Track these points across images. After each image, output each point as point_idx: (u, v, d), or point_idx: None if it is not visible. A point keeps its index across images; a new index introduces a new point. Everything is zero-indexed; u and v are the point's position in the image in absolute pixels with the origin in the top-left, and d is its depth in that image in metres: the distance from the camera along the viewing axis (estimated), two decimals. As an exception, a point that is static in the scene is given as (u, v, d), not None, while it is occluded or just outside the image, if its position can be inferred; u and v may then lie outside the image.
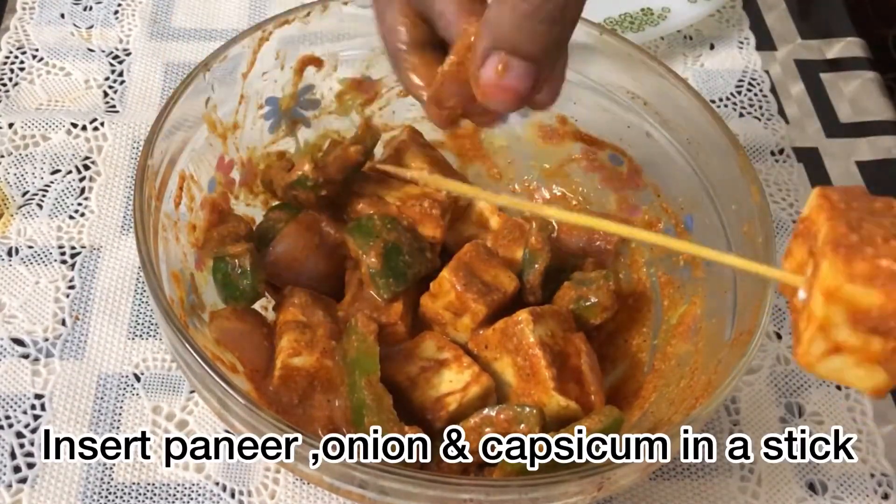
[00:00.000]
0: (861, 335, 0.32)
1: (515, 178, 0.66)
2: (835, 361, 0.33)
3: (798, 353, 0.34)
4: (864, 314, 0.32)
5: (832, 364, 0.33)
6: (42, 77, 0.74)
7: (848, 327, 0.32)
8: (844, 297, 0.32)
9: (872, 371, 0.33)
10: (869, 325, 0.32)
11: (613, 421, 0.50)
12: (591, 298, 0.56)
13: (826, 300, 0.32)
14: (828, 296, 0.32)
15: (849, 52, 0.82)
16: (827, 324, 0.33)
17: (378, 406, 0.49)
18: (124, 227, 0.66)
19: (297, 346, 0.52)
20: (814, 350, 0.33)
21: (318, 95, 0.62)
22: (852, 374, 0.33)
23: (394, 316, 0.55)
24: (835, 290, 0.32)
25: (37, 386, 0.58)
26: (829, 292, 0.32)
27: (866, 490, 0.58)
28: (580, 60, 0.60)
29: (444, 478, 0.45)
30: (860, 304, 0.32)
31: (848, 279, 0.32)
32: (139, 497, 0.54)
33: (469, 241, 0.61)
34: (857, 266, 0.32)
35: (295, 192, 0.57)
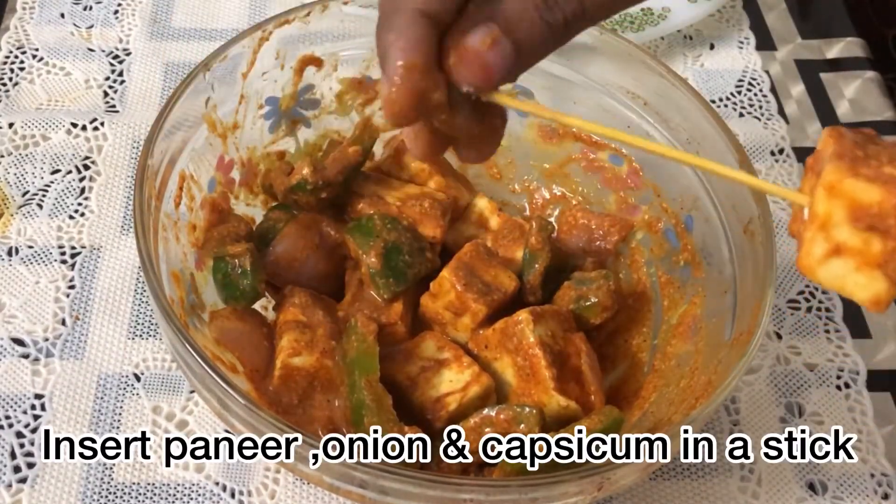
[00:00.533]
0: (861, 234, 0.33)
1: (515, 178, 0.66)
2: (835, 266, 0.34)
3: (799, 257, 0.34)
4: (863, 210, 0.33)
5: (833, 269, 0.34)
6: (42, 77, 0.74)
7: (848, 225, 0.33)
8: (845, 190, 0.33)
9: (872, 277, 0.33)
10: (868, 222, 0.32)
11: (613, 421, 0.50)
12: (591, 298, 0.56)
13: (827, 194, 0.33)
14: (829, 189, 0.33)
15: (849, 52, 0.82)
16: (828, 221, 0.33)
17: (378, 406, 0.49)
18: (124, 227, 0.66)
19: (297, 346, 0.52)
20: (815, 251, 0.34)
21: (318, 95, 0.62)
22: (852, 280, 0.33)
23: (394, 316, 0.55)
24: (836, 182, 0.33)
25: (37, 386, 0.58)
26: (830, 186, 0.33)
27: (866, 490, 0.58)
28: (580, 60, 0.60)
29: (444, 478, 0.45)
30: (860, 199, 0.33)
31: (850, 175, 0.33)
32: (139, 497, 0.54)
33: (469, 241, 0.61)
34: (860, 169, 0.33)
35: (295, 196, 0.57)
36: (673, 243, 0.59)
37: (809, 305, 0.66)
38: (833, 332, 0.64)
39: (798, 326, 0.65)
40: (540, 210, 0.65)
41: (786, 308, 0.65)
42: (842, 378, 0.62)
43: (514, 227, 0.61)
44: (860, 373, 0.62)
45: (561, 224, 0.62)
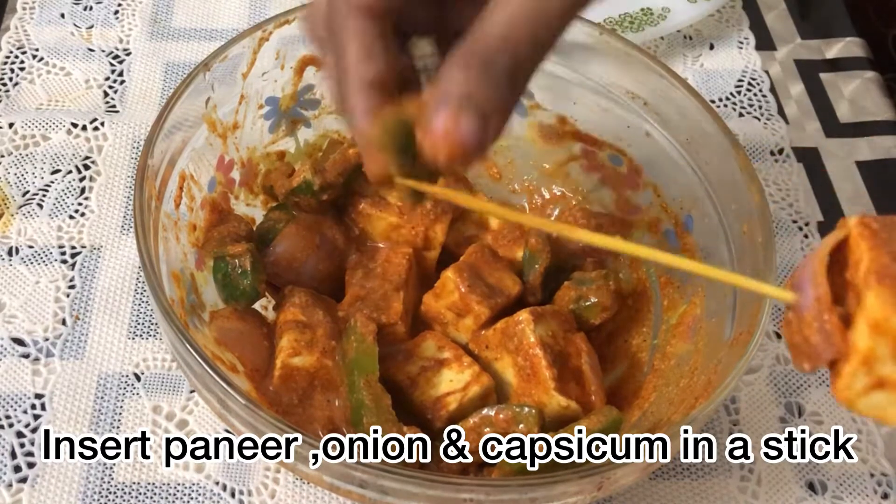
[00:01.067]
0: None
1: (515, 178, 0.66)
2: (877, 397, 0.32)
3: (837, 388, 0.33)
4: None
5: (874, 400, 0.32)
6: (42, 77, 0.74)
7: (893, 362, 0.31)
8: (892, 328, 0.31)
9: None
10: None
11: (612, 421, 0.50)
12: (591, 298, 0.56)
13: (871, 331, 0.31)
14: (874, 327, 0.31)
15: (849, 52, 0.82)
16: (871, 357, 0.32)
17: (377, 406, 0.49)
18: (124, 227, 0.66)
19: (297, 346, 0.52)
20: (856, 385, 0.32)
21: (318, 95, 0.62)
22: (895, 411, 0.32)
23: (394, 316, 0.55)
24: (882, 321, 0.31)
25: (37, 386, 0.58)
26: (875, 324, 0.31)
27: (866, 490, 0.58)
28: (580, 60, 0.60)
29: (444, 478, 0.45)
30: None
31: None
32: (139, 497, 0.54)
33: (469, 241, 0.61)
34: None
35: (296, 198, 0.57)
36: (673, 243, 0.59)
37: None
38: (833, 331, 0.64)
39: (798, 326, 0.65)
40: (540, 210, 0.65)
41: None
42: (841, 378, 0.62)
43: (514, 227, 0.61)
44: (860, 373, 0.62)
45: (562, 224, 0.63)
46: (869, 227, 0.33)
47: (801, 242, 0.69)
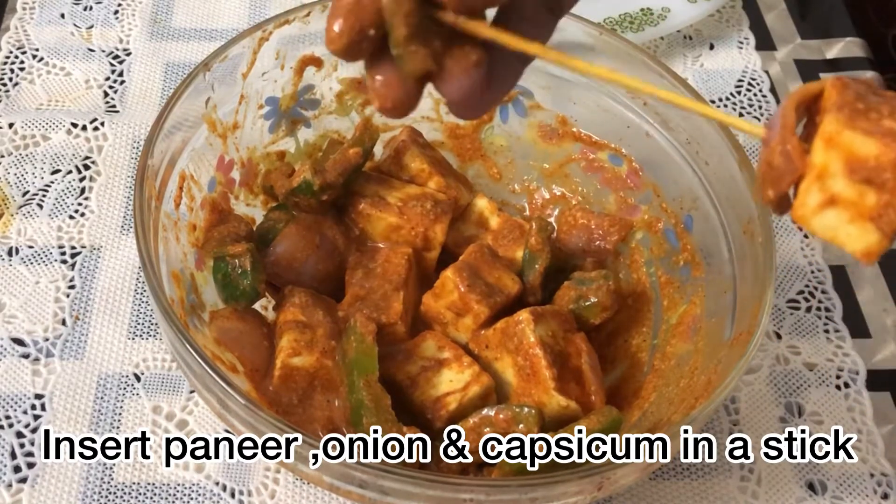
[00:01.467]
0: (856, 186, 0.33)
1: (515, 178, 0.66)
2: (829, 216, 0.34)
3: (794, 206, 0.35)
4: (860, 163, 0.33)
5: (826, 219, 0.34)
6: (42, 77, 0.74)
7: (844, 177, 0.33)
8: (843, 142, 0.33)
9: (865, 229, 0.33)
10: (864, 174, 0.33)
11: (612, 421, 0.50)
12: (590, 298, 0.56)
13: (825, 145, 0.33)
14: (827, 140, 0.33)
15: (849, 52, 0.82)
16: (824, 172, 0.33)
17: (376, 406, 0.49)
18: (124, 227, 0.66)
19: (296, 346, 0.52)
20: (809, 201, 0.34)
21: (318, 95, 0.62)
22: (845, 231, 0.34)
23: (393, 316, 0.55)
24: (835, 134, 0.33)
25: (37, 386, 0.58)
26: (828, 137, 0.33)
27: (866, 490, 0.58)
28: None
29: (444, 478, 0.45)
30: (857, 151, 0.33)
31: (848, 127, 0.33)
32: (139, 497, 0.54)
33: (469, 241, 0.61)
34: (859, 122, 0.33)
35: (296, 198, 0.57)
36: (673, 243, 0.59)
37: (809, 305, 0.66)
38: (833, 331, 0.64)
39: (798, 326, 0.65)
40: (540, 210, 0.65)
41: (785, 308, 0.65)
42: (841, 378, 0.62)
43: (514, 227, 0.61)
44: (860, 372, 0.62)
45: (561, 224, 0.62)
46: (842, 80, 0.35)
47: (800, 242, 0.69)
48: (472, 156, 0.66)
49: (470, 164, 0.66)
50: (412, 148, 0.61)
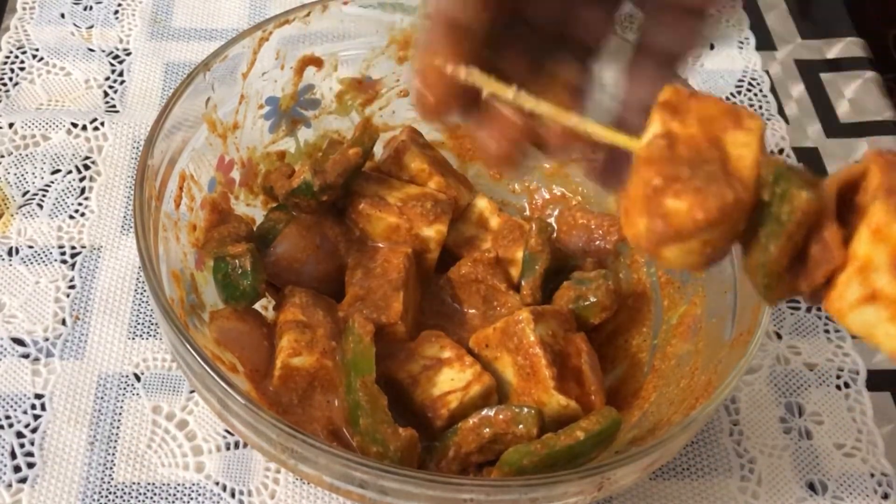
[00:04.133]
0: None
1: (515, 178, 0.66)
2: (868, 313, 0.32)
3: (830, 299, 0.33)
4: None
5: (865, 315, 0.32)
6: (42, 77, 0.74)
7: (889, 272, 0.31)
8: (892, 234, 0.31)
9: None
10: None
11: (611, 422, 0.50)
12: (590, 298, 0.56)
13: (872, 237, 0.31)
14: (875, 232, 0.31)
15: (849, 52, 0.82)
16: (868, 264, 0.32)
17: (372, 407, 0.49)
18: (124, 227, 0.66)
19: (297, 346, 0.52)
20: (848, 295, 0.32)
21: (318, 95, 0.62)
22: (884, 330, 0.32)
23: (393, 316, 0.55)
24: (884, 226, 0.31)
25: (37, 386, 0.58)
26: (877, 229, 0.31)
27: (866, 490, 0.58)
28: (580, 60, 0.60)
29: (444, 478, 0.45)
30: None
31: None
32: (139, 497, 0.54)
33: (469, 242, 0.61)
34: None
35: (296, 199, 0.57)
36: (673, 243, 0.59)
37: (809, 305, 0.66)
38: (833, 331, 0.64)
39: (798, 326, 0.65)
40: (540, 210, 0.65)
41: (786, 308, 0.65)
42: (841, 378, 0.62)
43: (514, 228, 0.61)
44: (860, 372, 0.62)
45: (561, 224, 0.62)
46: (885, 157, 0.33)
47: (801, 242, 0.69)
48: (472, 156, 0.66)
49: (470, 164, 0.66)
50: (412, 148, 0.61)
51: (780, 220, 0.34)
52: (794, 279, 0.35)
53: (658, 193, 0.33)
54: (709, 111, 0.35)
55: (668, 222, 0.33)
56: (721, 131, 0.34)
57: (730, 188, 0.33)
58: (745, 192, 0.33)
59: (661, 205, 0.33)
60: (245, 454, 0.56)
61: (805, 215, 0.33)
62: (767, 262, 0.34)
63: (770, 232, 0.34)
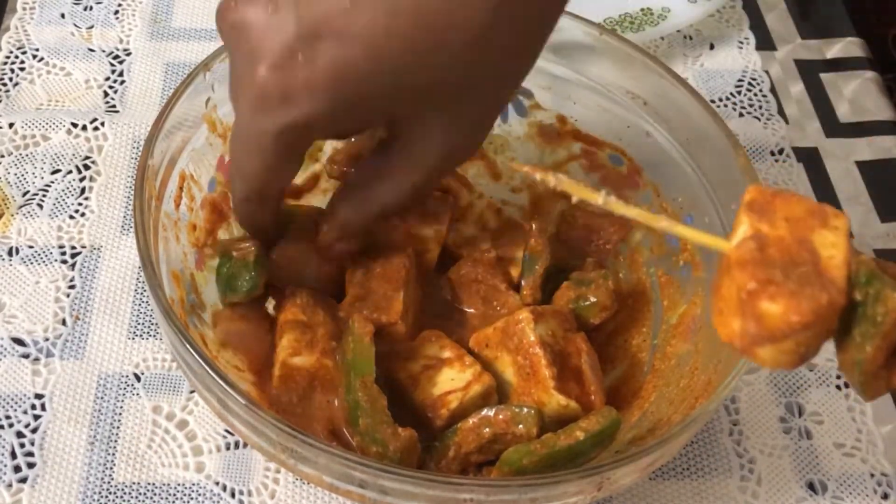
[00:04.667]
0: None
1: (515, 177, 0.66)
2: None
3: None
4: None
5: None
6: (42, 77, 0.74)
7: None
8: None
9: None
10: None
11: (611, 422, 0.50)
12: (590, 298, 0.56)
13: None
14: None
15: (849, 52, 0.82)
16: None
17: (372, 407, 0.49)
18: (124, 227, 0.66)
19: (297, 346, 0.52)
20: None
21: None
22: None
23: (394, 315, 0.55)
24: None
25: (37, 386, 0.58)
26: None
27: (866, 490, 0.58)
28: (580, 60, 0.60)
29: (444, 478, 0.45)
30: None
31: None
32: (139, 497, 0.54)
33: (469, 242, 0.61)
34: None
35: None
36: (673, 243, 0.59)
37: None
38: (833, 331, 0.64)
39: (798, 326, 0.65)
40: (540, 210, 0.65)
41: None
42: (842, 378, 0.62)
43: (514, 228, 0.61)
44: (860, 373, 0.62)
45: (561, 224, 0.62)
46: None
47: (801, 242, 0.69)
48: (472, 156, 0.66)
49: (470, 164, 0.66)
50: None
51: (874, 321, 0.35)
52: (889, 374, 0.36)
53: (753, 297, 0.34)
54: (794, 211, 0.36)
55: (763, 325, 0.34)
56: (809, 231, 0.35)
57: (824, 291, 0.34)
58: (839, 294, 0.34)
59: (756, 307, 0.34)
60: (245, 454, 0.56)
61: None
62: (863, 360, 0.35)
63: (864, 332, 0.35)
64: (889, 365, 0.35)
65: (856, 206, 0.72)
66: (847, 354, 0.36)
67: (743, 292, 0.34)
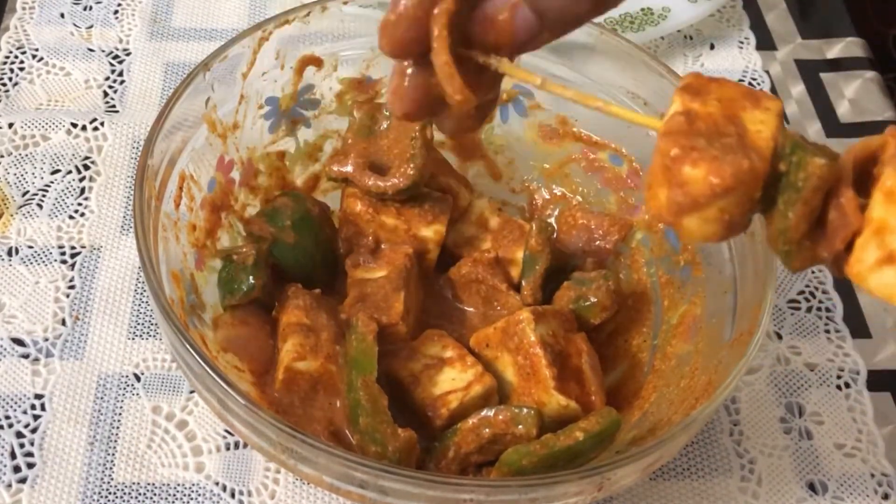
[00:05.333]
0: None
1: (515, 177, 0.66)
2: (887, 274, 0.33)
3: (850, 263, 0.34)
4: None
5: (885, 277, 0.33)
6: (42, 77, 0.74)
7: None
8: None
9: None
10: None
11: (611, 423, 0.50)
12: (590, 298, 0.56)
13: (885, 199, 0.33)
14: (887, 195, 0.33)
15: (849, 52, 0.82)
16: (883, 227, 0.33)
17: (372, 407, 0.49)
18: (124, 227, 0.66)
19: (301, 351, 0.52)
20: (866, 258, 0.33)
21: (318, 95, 0.62)
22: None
23: (394, 316, 0.55)
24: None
25: (37, 386, 0.58)
26: (889, 191, 0.33)
27: (866, 490, 0.58)
28: (580, 60, 0.60)
29: (444, 478, 0.45)
30: None
31: None
32: (139, 497, 0.54)
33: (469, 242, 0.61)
34: None
35: None
36: (673, 243, 0.59)
37: (809, 305, 0.66)
38: (833, 331, 0.64)
39: (798, 326, 0.65)
40: (540, 210, 0.65)
41: (786, 308, 0.65)
42: (842, 378, 0.62)
43: (514, 228, 0.61)
44: (860, 373, 0.62)
45: (561, 224, 0.62)
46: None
47: (801, 242, 0.69)
48: (472, 156, 0.66)
49: (470, 164, 0.66)
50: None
51: (796, 187, 0.35)
52: (815, 247, 0.35)
53: (676, 163, 0.35)
54: (728, 93, 0.36)
55: (686, 191, 0.34)
56: (740, 110, 0.35)
57: (745, 157, 0.34)
58: (761, 160, 0.34)
59: (679, 173, 0.34)
60: (245, 454, 0.56)
61: (820, 180, 0.35)
62: (787, 228, 0.35)
63: (787, 199, 0.35)
64: (814, 236, 0.35)
65: (856, 206, 0.72)
66: (772, 226, 0.36)
67: (667, 159, 0.35)
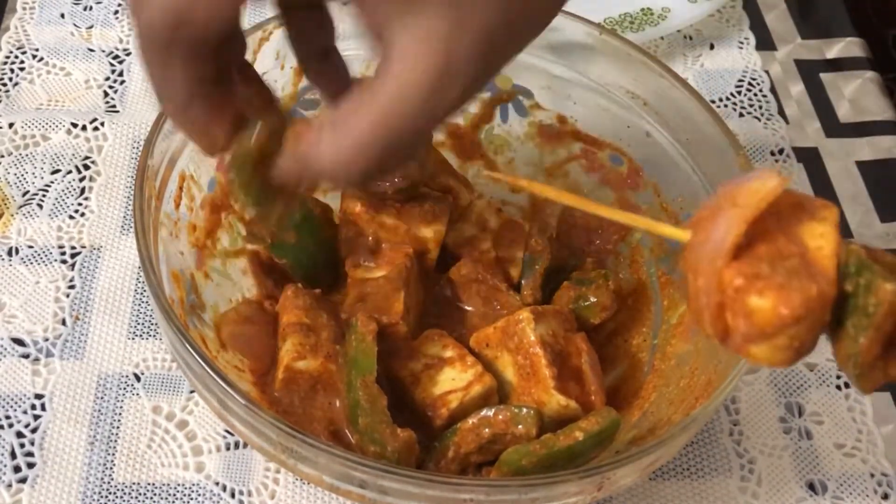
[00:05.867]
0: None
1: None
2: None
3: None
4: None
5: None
6: (42, 77, 0.74)
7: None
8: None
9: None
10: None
11: (610, 423, 0.50)
12: (590, 298, 0.56)
13: None
14: None
15: (849, 52, 0.82)
16: None
17: (372, 407, 0.49)
18: (124, 227, 0.66)
19: (301, 350, 0.52)
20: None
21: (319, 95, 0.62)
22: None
23: (395, 316, 0.55)
24: None
25: (37, 386, 0.58)
26: None
27: (866, 490, 0.58)
28: (580, 60, 0.60)
29: (444, 478, 0.45)
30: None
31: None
32: (139, 497, 0.54)
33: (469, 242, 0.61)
34: None
35: None
36: (673, 243, 0.59)
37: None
38: (833, 332, 0.64)
39: (798, 326, 0.65)
40: (540, 210, 0.65)
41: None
42: (842, 378, 0.62)
43: (514, 228, 0.61)
44: (860, 373, 0.62)
45: (561, 224, 0.62)
46: None
47: (801, 242, 0.69)
48: (472, 156, 0.66)
49: (470, 163, 0.66)
50: (412, 148, 0.61)
51: (867, 313, 0.34)
52: (887, 366, 0.35)
53: (741, 293, 0.33)
54: (781, 204, 0.35)
55: (754, 321, 0.33)
56: (796, 223, 0.34)
57: (813, 282, 0.33)
58: (828, 284, 0.33)
59: (744, 304, 0.33)
60: (245, 454, 0.56)
61: (892, 306, 0.34)
62: (858, 353, 0.35)
63: (857, 324, 0.34)
64: (885, 356, 0.35)
65: (856, 206, 0.72)
66: (842, 347, 0.35)
67: (730, 289, 0.34)
